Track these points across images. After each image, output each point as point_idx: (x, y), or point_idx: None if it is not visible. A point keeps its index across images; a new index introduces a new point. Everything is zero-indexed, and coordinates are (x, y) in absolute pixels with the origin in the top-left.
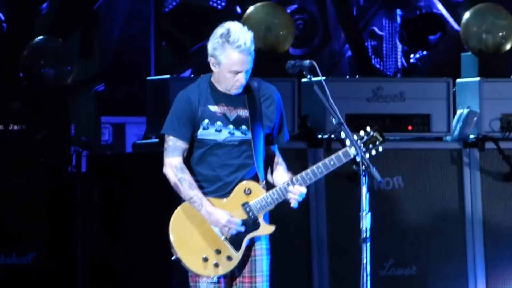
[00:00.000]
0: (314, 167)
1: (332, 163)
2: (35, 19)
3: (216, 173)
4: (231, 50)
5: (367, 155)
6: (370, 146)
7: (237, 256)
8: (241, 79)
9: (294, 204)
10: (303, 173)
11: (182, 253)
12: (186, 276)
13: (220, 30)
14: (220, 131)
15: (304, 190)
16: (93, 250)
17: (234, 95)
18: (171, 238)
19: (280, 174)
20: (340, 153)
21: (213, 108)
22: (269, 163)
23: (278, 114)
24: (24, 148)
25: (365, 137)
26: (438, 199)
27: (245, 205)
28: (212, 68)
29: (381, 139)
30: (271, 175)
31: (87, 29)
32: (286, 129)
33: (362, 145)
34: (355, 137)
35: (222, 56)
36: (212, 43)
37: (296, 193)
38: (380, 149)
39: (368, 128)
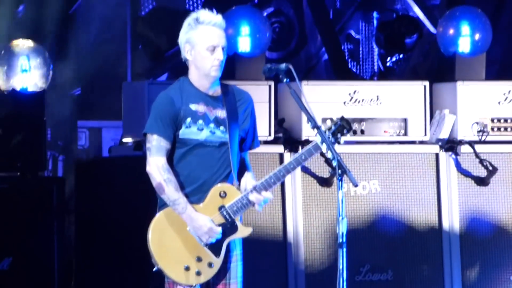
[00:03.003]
0: (280, 168)
1: (303, 157)
2: (11, 22)
3: (196, 173)
4: (204, 27)
5: (336, 145)
6: (339, 135)
7: (218, 261)
8: (219, 55)
9: (257, 208)
10: (267, 177)
11: (163, 264)
12: (163, 282)
13: (189, 18)
14: (201, 130)
15: (267, 195)
16: (70, 255)
17: (212, 96)
18: (151, 248)
19: (248, 181)
20: (310, 147)
21: (194, 107)
22: (240, 170)
23: (252, 119)
24: (0, 152)
25: (333, 127)
26: (414, 204)
27: (221, 208)
28: (188, 57)
29: (348, 127)
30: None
31: (64, 33)
32: (257, 136)
33: (330, 135)
34: (322, 127)
35: (196, 35)
36: (184, 30)
37: (257, 201)
38: (348, 136)
39: (335, 118)
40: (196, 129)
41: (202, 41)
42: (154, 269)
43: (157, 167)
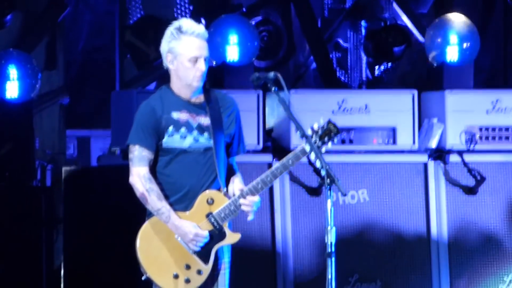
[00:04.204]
0: (268, 172)
1: (290, 162)
2: None
3: (182, 181)
4: (186, 38)
5: (324, 149)
6: (326, 139)
7: (207, 268)
8: (201, 66)
9: (250, 217)
10: (254, 183)
11: (152, 272)
12: None
13: (171, 27)
14: (185, 137)
15: (255, 199)
16: (58, 264)
17: (194, 103)
18: (140, 257)
19: (236, 185)
20: (297, 151)
21: (176, 115)
22: (228, 176)
23: (238, 124)
24: None
25: (320, 131)
26: (403, 213)
27: (209, 215)
28: (170, 67)
29: (335, 130)
30: (228, 188)
31: (52, 41)
32: (244, 140)
33: (318, 139)
34: (309, 131)
35: (179, 46)
36: (166, 40)
37: (248, 204)
38: (335, 140)
39: (321, 121)
40: (179, 137)
41: (185, 52)
42: (143, 277)
43: (139, 177)
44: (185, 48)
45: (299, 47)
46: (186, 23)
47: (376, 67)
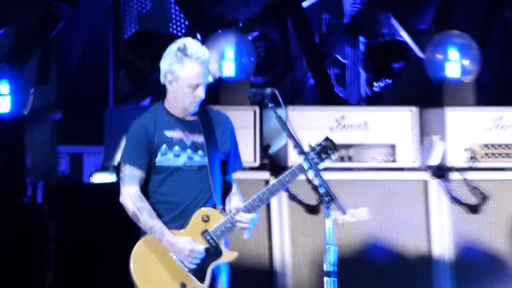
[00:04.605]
0: (264, 190)
1: (287, 179)
2: None
3: (177, 199)
4: (190, 63)
5: (322, 166)
6: (324, 156)
7: (202, 287)
8: (201, 93)
9: (246, 235)
10: (250, 200)
11: None
12: None
13: (175, 45)
14: (178, 156)
15: (250, 216)
16: (50, 283)
17: (188, 120)
18: (134, 276)
19: (233, 203)
20: (294, 168)
21: (169, 133)
22: (225, 194)
23: (233, 141)
24: None
25: (317, 148)
26: (404, 232)
27: (205, 233)
28: (168, 86)
29: (333, 147)
30: (225, 206)
31: (45, 56)
32: (240, 157)
33: (315, 156)
34: (306, 148)
35: (181, 70)
36: (169, 59)
37: (244, 221)
38: (334, 157)
39: (319, 138)
40: (172, 155)
41: (187, 77)
42: None
43: (129, 197)
44: (187, 74)
45: (296, 62)
46: (191, 45)
47: (375, 83)
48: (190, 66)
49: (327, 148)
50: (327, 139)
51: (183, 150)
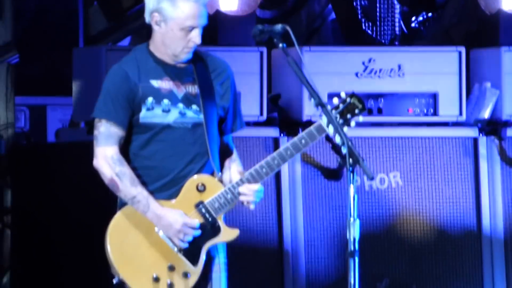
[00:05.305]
0: (275, 154)
1: (303, 142)
2: None
3: (165, 164)
4: (183, 1)
5: (345, 128)
6: (348, 116)
7: (195, 271)
8: (196, 38)
9: (251, 206)
10: (257, 167)
11: (126, 274)
12: None
13: None
14: (168, 111)
15: (257, 186)
16: (5, 263)
17: (179, 68)
18: (110, 255)
19: (233, 171)
20: (312, 128)
21: (156, 83)
22: (223, 159)
23: (232, 94)
24: None
25: (341, 106)
26: (446, 202)
27: (199, 205)
28: (155, 27)
29: (360, 106)
30: (223, 174)
31: None
32: (241, 114)
33: (338, 116)
34: (328, 107)
35: (172, 9)
36: None
37: (247, 193)
38: (360, 118)
39: (343, 94)
40: (161, 110)
41: (179, 19)
42: (114, 280)
43: (105, 160)
44: (179, 14)
45: None
46: None
47: (413, 17)
48: (183, 5)
49: (353, 107)
50: (353, 95)
51: (174, 105)
